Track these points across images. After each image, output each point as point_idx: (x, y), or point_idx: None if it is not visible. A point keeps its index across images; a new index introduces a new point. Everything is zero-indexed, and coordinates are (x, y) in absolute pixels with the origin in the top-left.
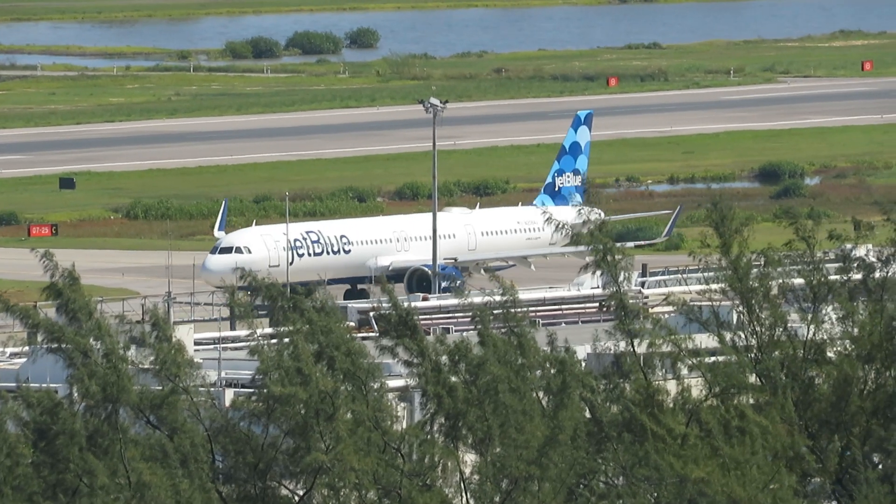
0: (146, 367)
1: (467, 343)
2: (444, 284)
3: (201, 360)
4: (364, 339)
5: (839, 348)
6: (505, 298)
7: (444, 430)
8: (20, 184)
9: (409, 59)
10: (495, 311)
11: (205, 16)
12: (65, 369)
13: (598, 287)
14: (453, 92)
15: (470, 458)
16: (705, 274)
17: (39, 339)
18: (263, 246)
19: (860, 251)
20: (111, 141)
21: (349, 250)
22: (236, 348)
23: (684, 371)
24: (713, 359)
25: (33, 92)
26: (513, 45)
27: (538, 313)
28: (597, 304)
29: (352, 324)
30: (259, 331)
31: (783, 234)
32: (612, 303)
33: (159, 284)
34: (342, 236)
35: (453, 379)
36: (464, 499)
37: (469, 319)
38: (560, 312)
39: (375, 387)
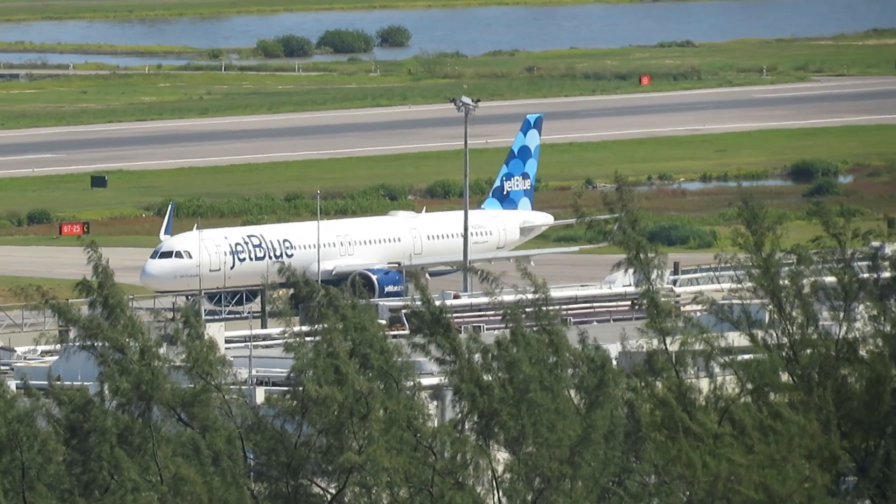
0: (178, 364)
1: (501, 341)
2: (386, 290)
3: (232, 358)
4: (395, 337)
5: (871, 347)
6: (536, 296)
7: (476, 428)
8: (52, 182)
9: (440, 58)
10: (527, 310)
11: (236, 14)
12: (97, 366)
13: (629, 285)
14: (485, 90)
15: (502, 456)
16: (737, 272)
17: (72, 336)
18: (203, 250)
19: (892, 248)
20: (143, 139)
21: (291, 254)
22: (267, 346)
23: (716, 369)
24: (745, 357)
25: (65, 91)
26: (544, 43)
27: (569, 311)
28: (629, 303)
29: (382, 322)
30: (293, 328)
31: (815, 231)
32: (644, 301)
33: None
34: (284, 240)
35: (487, 377)
36: (496, 497)
37: (501, 317)
38: (591, 310)
39: (408, 385)
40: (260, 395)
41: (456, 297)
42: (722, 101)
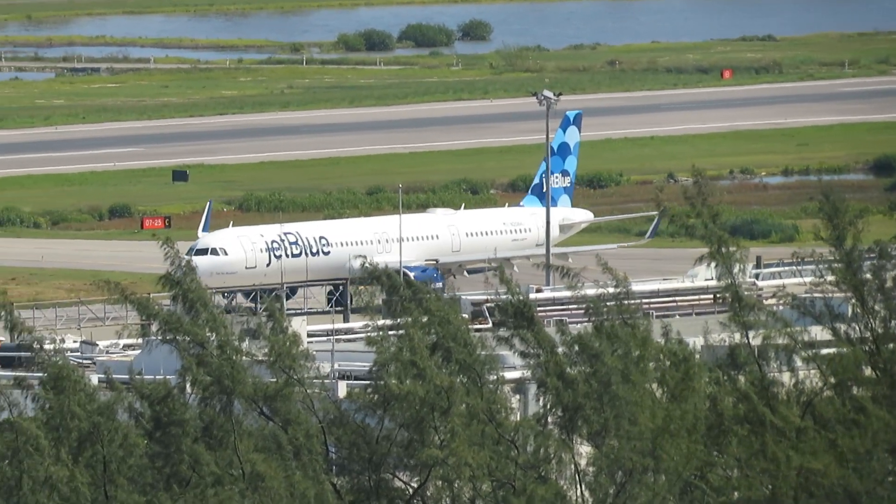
0: (260, 358)
1: (584, 334)
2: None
3: (315, 352)
4: (477, 331)
5: None
6: (618, 290)
7: (560, 422)
8: (133, 176)
9: (522, 52)
10: (609, 303)
11: (317, 8)
12: (179, 360)
13: (712, 279)
14: (567, 84)
15: (584, 449)
16: (820, 266)
17: (154, 330)
18: (240, 247)
19: None
20: (224, 133)
21: (328, 251)
22: (349, 340)
23: (798, 363)
24: (827, 351)
25: (146, 85)
26: (626, 37)
27: (652, 305)
28: (711, 296)
29: (465, 315)
30: (377, 322)
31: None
32: (727, 295)
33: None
34: (321, 237)
35: (571, 371)
36: (578, 491)
37: (583, 311)
38: (674, 304)
39: (491, 379)
40: (342, 389)
41: (538, 291)
42: (803, 95)
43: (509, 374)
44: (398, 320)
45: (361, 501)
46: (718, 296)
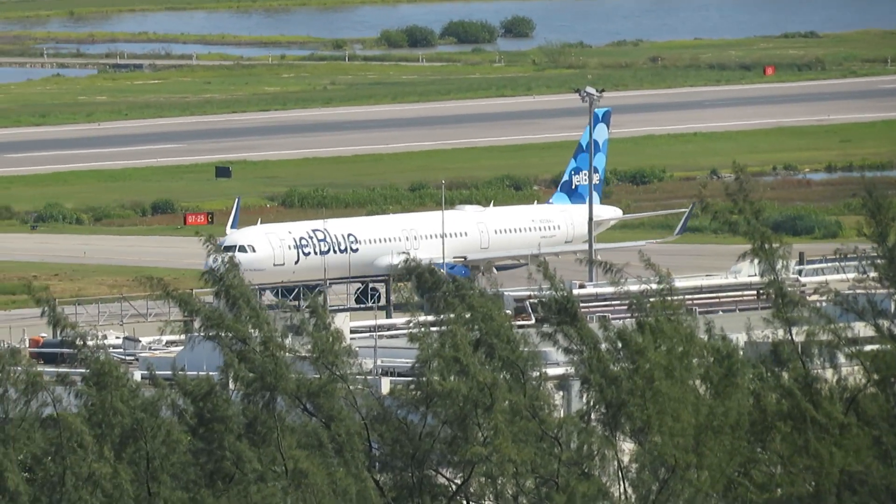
0: (304, 355)
1: (626, 330)
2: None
3: (358, 349)
4: (520, 327)
5: None
6: (661, 286)
7: (603, 419)
8: (176, 172)
9: (564, 48)
10: (652, 299)
11: (360, 4)
12: (221, 357)
13: (755, 275)
14: (609, 80)
15: (627, 446)
16: (863, 262)
17: (197, 326)
18: (268, 244)
19: None
20: (266, 130)
21: (356, 249)
22: (392, 336)
23: (842, 360)
24: (871, 348)
25: (189, 81)
26: (668, 33)
27: (695, 301)
28: (754, 293)
29: (508, 312)
30: (419, 318)
31: None
32: (771, 291)
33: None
34: (349, 234)
35: (614, 368)
36: (621, 487)
37: (626, 307)
38: (717, 300)
39: (534, 375)
40: (385, 385)
41: (581, 286)
42: (846, 92)
43: (552, 371)
44: (441, 316)
45: (404, 498)
46: (762, 292)
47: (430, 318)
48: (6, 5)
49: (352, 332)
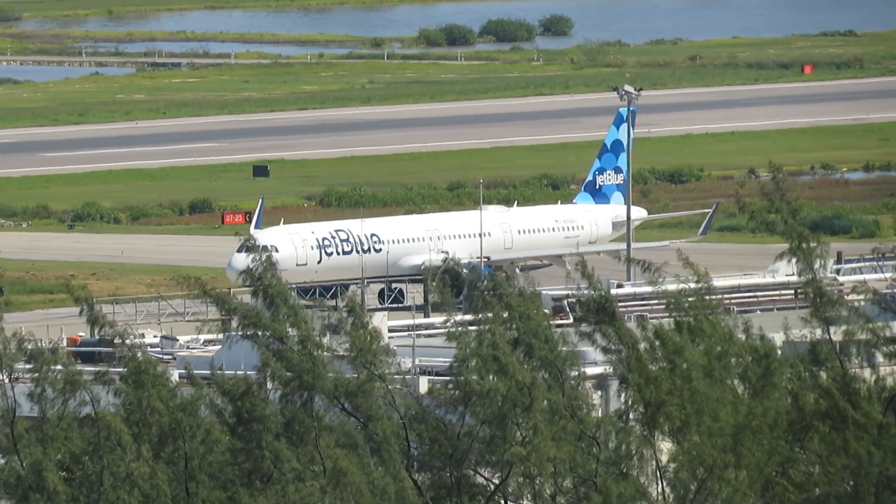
0: (342, 354)
1: (666, 330)
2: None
3: (396, 348)
4: (558, 326)
5: None
6: (699, 286)
7: (641, 418)
8: (214, 171)
9: (602, 47)
10: (690, 299)
11: (398, 3)
12: (259, 356)
13: (793, 274)
14: (647, 79)
15: (665, 445)
16: None
17: (234, 325)
18: (291, 244)
19: None
20: (304, 128)
21: (380, 249)
22: (430, 335)
23: (880, 359)
24: None
25: (227, 79)
26: (707, 32)
27: (733, 300)
28: (792, 292)
29: (546, 311)
30: (456, 317)
31: None
32: (808, 290)
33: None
34: (373, 235)
35: (653, 367)
36: (659, 487)
37: (664, 307)
38: (755, 300)
39: (573, 375)
40: (423, 384)
41: (619, 286)
42: (885, 91)
43: (591, 370)
44: (479, 316)
45: (442, 498)
46: (799, 291)
47: (468, 317)
48: (45, 4)
49: (390, 331)
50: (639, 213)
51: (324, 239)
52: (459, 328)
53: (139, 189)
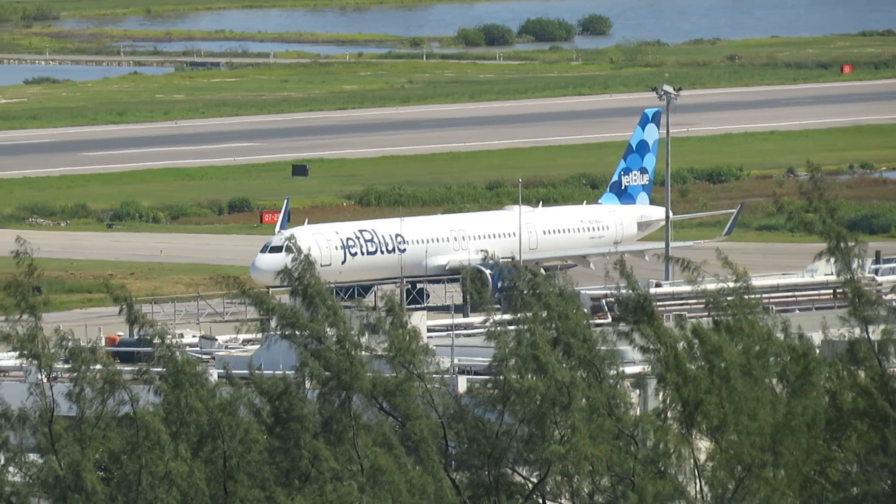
0: (380, 353)
1: (705, 329)
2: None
3: (435, 347)
4: (596, 326)
5: None
6: (738, 285)
7: (679, 417)
8: (253, 170)
9: (641, 46)
10: (729, 298)
11: (437, 3)
12: (297, 356)
13: (831, 274)
14: (686, 79)
15: (703, 444)
16: None
17: (273, 325)
18: (315, 245)
19: None
20: (344, 128)
21: (404, 249)
22: (469, 335)
23: None
24: None
25: (266, 79)
26: (746, 31)
27: (771, 300)
28: (830, 291)
29: (585, 310)
30: (495, 317)
31: None
32: (847, 290)
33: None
34: (397, 235)
35: (691, 366)
36: (697, 486)
37: (703, 306)
38: (794, 299)
39: (611, 374)
40: (462, 384)
41: (657, 285)
42: None
43: (629, 369)
44: (517, 315)
45: (480, 496)
46: (838, 291)
47: (507, 316)
48: (83, 4)
49: (429, 330)
50: (663, 213)
51: (348, 239)
52: (498, 328)
53: (178, 188)
